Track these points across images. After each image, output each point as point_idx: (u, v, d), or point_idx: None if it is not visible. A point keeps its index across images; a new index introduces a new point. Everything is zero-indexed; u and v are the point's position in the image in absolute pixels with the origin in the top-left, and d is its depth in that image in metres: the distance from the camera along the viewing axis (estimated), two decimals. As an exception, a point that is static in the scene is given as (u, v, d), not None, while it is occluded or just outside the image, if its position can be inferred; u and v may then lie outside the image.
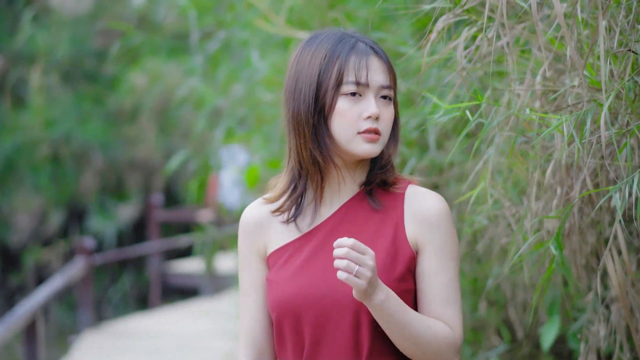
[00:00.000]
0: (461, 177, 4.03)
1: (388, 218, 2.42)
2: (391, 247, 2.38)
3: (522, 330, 4.07)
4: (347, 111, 2.37)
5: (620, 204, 2.38)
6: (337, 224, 2.44)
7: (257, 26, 5.13)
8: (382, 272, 2.33)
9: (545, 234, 2.95)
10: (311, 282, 2.38)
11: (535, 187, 2.89)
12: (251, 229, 2.51)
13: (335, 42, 2.40)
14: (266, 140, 5.83)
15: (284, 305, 2.40)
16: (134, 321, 12.24)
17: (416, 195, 2.43)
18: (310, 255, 2.42)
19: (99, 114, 18.31)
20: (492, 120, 2.83)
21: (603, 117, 2.31)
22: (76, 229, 18.62)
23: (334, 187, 2.46)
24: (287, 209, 2.46)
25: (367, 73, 2.37)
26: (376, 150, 2.39)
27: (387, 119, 2.41)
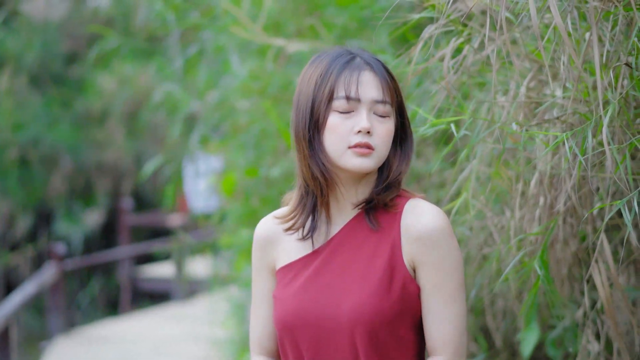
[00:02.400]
0: (441, 184, 4.04)
1: (385, 237, 2.42)
2: (387, 268, 2.38)
3: (500, 337, 4.08)
4: (338, 126, 2.38)
5: (630, 217, 2.39)
6: (338, 244, 2.45)
7: (234, 33, 5.11)
8: (377, 296, 2.35)
9: (528, 244, 2.96)
10: (309, 302, 2.41)
11: (518, 198, 2.90)
12: (263, 243, 2.57)
13: (332, 59, 2.42)
14: (242, 148, 5.82)
15: (284, 324, 2.45)
16: (105, 326, 12.17)
17: (413, 211, 2.41)
18: (311, 275, 2.45)
19: (67, 118, 18.18)
20: (476, 133, 2.84)
21: (604, 132, 2.32)
22: (44, 233, 18.47)
23: (339, 204, 2.47)
24: (299, 227, 2.49)
25: (357, 88, 2.37)
26: (368, 164, 2.38)
27: (383, 134, 2.39)
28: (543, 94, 2.96)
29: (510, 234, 2.99)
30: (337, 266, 2.42)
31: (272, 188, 5.49)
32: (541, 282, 2.75)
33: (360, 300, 2.35)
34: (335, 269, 2.42)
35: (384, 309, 2.34)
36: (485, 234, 3.40)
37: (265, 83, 5.18)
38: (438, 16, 2.86)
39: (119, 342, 10.92)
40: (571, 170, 2.68)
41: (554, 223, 2.78)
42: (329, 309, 2.38)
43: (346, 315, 2.34)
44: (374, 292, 2.35)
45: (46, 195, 18.34)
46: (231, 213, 6.45)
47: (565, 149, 2.78)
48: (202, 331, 9.84)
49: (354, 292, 2.37)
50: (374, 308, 2.34)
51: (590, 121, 2.51)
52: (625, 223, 2.47)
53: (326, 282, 2.41)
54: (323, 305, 2.39)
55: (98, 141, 18.52)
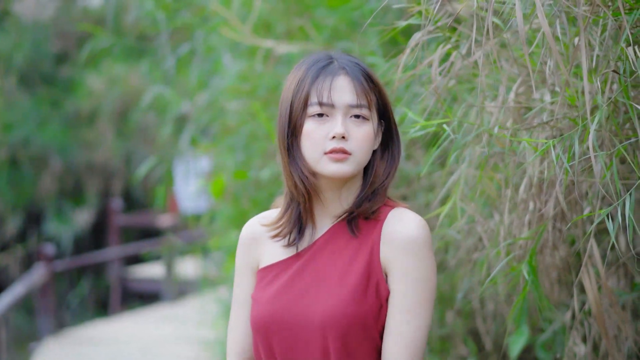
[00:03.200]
0: (431, 188, 4.03)
1: (365, 243, 2.41)
2: (365, 272, 2.37)
3: (489, 340, 4.08)
4: (313, 132, 2.37)
5: (613, 227, 2.38)
6: (318, 249, 2.45)
7: (224, 34, 5.10)
8: (352, 300, 2.34)
9: (518, 249, 2.96)
10: (284, 305, 2.41)
11: (508, 203, 2.90)
12: (248, 243, 2.56)
13: (310, 65, 2.42)
14: (231, 150, 5.80)
15: (259, 325, 2.43)
16: (95, 327, 12.14)
17: (395, 219, 2.41)
18: (290, 277, 2.45)
19: (57, 118, 18.13)
20: (464, 136, 2.84)
21: (591, 139, 2.32)
22: (34, 234, 18.42)
23: (324, 209, 2.47)
24: (285, 235, 2.49)
25: (329, 93, 2.36)
26: (345, 170, 2.37)
27: (359, 138, 2.38)
28: (532, 99, 2.95)
29: (500, 239, 2.99)
30: (316, 270, 2.42)
31: (261, 190, 5.48)
32: (529, 287, 2.75)
33: (335, 303, 2.34)
34: (314, 273, 2.42)
35: (358, 314, 2.34)
36: (475, 238, 3.40)
37: (254, 84, 5.16)
38: (425, 23, 2.86)
39: (109, 343, 10.89)
40: (559, 175, 2.68)
41: (543, 228, 2.77)
42: (303, 311, 2.38)
43: (319, 318, 2.34)
44: (349, 297, 2.34)
45: (36, 195, 18.31)
46: (221, 215, 6.44)
47: (554, 153, 2.78)
48: (192, 332, 9.81)
49: (329, 295, 2.36)
50: (348, 312, 2.33)
51: (578, 127, 2.50)
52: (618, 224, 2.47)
53: (303, 285, 2.41)
54: (298, 308, 2.39)
55: (88, 141, 18.49)
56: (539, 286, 2.78)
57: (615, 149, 2.45)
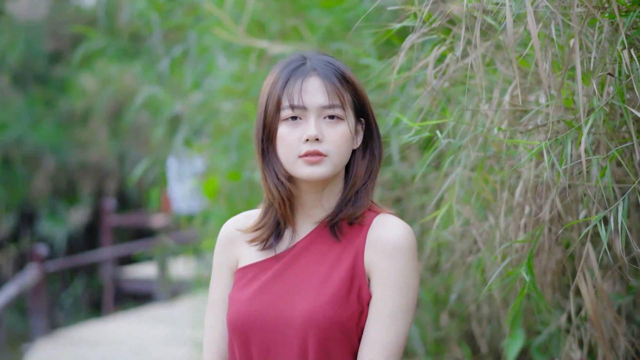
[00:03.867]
0: (425, 190, 4.01)
1: (349, 247, 2.39)
2: (348, 276, 2.36)
3: (484, 343, 4.06)
4: (287, 136, 2.35)
5: (606, 232, 2.36)
6: (300, 252, 2.43)
7: (217, 34, 5.07)
8: (333, 302, 2.32)
9: (513, 252, 2.94)
10: (264, 306, 2.38)
11: (504, 206, 2.88)
12: (226, 242, 2.52)
13: (282, 68, 2.40)
14: (225, 151, 5.78)
15: (236, 325, 2.41)
16: (88, 328, 12.09)
17: (381, 223, 2.39)
18: (270, 278, 2.42)
19: (50, 117, 18.12)
20: (459, 139, 2.82)
21: (584, 142, 2.29)
22: (27, 233, 18.39)
23: (304, 212, 2.45)
24: (262, 240, 2.46)
25: (300, 96, 2.34)
26: (320, 172, 2.35)
27: (334, 139, 2.35)
28: (527, 101, 2.93)
29: (495, 242, 2.97)
30: (297, 272, 2.40)
31: (255, 191, 5.46)
32: (528, 289, 2.73)
33: (317, 305, 2.32)
34: (294, 275, 2.40)
35: (339, 317, 2.32)
36: (470, 241, 3.38)
37: (248, 85, 5.14)
38: (420, 25, 2.83)
39: (102, 343, 10.85)
40: (554, 178, 2.66)
41: (540, 231, 2.76)
42: (284, 312, 2.35)
43: (300, 319, 2.32)
44: (332, 300, 2.32)
45: (29, 195, 18.28)
46: (214, 215, 6.41)
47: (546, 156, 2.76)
48: (185, 333, 9.77)
49: (310, 298, 2.34)
50: (329, 314, 2.31)
51: (572, 129, 2.48)
52: (610, 230, 2.46)
53: (283, 287, 2.39)
54: (278, 309, 2.36)
55: (81, 141, 18.47)
56: (539, 293, 2.76)
57: (610, 153, 2.43)
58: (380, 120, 3.92)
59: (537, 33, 2.31)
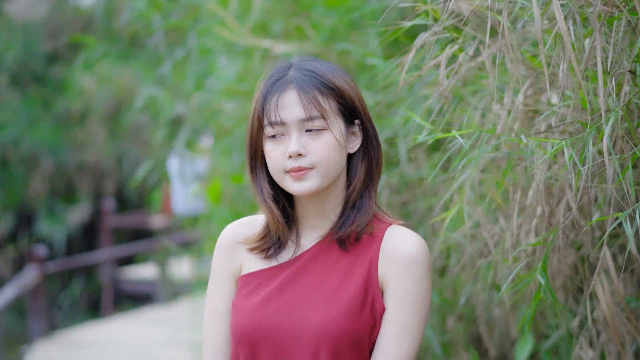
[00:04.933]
0: (432, 192, 3.96)
1: (362, 257, 2.35)
2: (362, 288, 2.32)
3: (493, 346, 4.02)
4: (271, 152, 2.32)
5: (632, 231, 2.32)
6: (308, 262, 2.38)
7: (220, 34, 5.02)
8: (347, 315, 2.29)
9: (524, 255, 2.90)
10: (273, 316, 2.33)
11: (516, 208, 2.83)
12: (229, 248, 2.46)
13: (265, 81, 2.36)
14: (227, 152, 5.72)
15: (242, 334, 2.36)
16: (87, 330, 12.05)
17: (395, 235, 2.35)
18: (277, 288, 2.37)
19: (48, 117, 18.06)
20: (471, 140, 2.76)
21: (605, 141, 2.24)
22: (25, 234, 18.34)
23: (307, 222, 2.41)
24: (265, 249, 2.42)
25: (277, 112, 2.29)
26: (309, 186, 2.30)
27: (318, 150, 2.30)
28: (540, 102, 2.88)
29: (507, 244, 2.92)
30: (306, 283, 2.35)
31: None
32: (543, 291, 2.68)
33: (330, 317, 2.28)
34: (304, 286, 2.35)
35: (352, 329, 2.28)
36: (479, 243, 3.33)
37: (251, 85, 5.09)
38: (433, 23, 2.78)
39: (101, 346, 10.81)
40: (571, 179, 2.62)
41: (554, 232, 2.71)
42: (295, 323, 2.31)
43: (313, 330, 2.28)
44: (345, 312, 2.29)
45: (27, 195, 18.22)
46: (216, 217, 6.36)
47: (564, 158, 2.71)
48: (186, 335, 9.73)
49: (322, 309, 2.30)
50: (342, 326, 2.28)
51: (591, 129, 2.43)
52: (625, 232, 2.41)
53: (292, 297, 2.34)
54: (288, 319, 2.32)
55: (79, 141, 18.42)
56: (552, 291, 2.72)
57: (631, 152, 2.38)
58: (387, 121, 3.87)
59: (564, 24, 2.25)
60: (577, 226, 2.82)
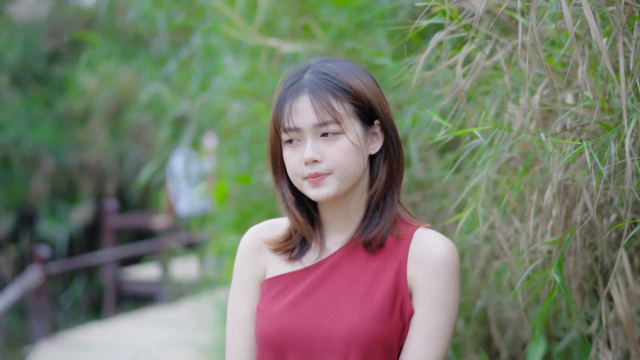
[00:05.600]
0: (443, 193, 3.93)
1: (390, 260, 2.33)
2: (391, 292, 2.30)
3: (505, 349, 3.99)
4: (289, 159, 2.31)
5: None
6: (334, 265, 2.36)
7: (226, 33, 4.98)
8: (377, 318, 2.27)
9: (540, 255, 2.87)
10: (300, 320, 2.31)
11: (533, 209, 2.80)
12: (252, 251, 2.45)
13: (281, 85, 2.34)
14: (233, 152, 5.68)
15: (268, 340, 2.33)
16: (90, 331, 12.02)
17: (424, 238, 2.33)
18: (304, 291, 2.35)
19: (49, 117, 18.03)
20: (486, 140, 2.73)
21: (627, 143, 2.21)
22: (26, 234, 18.31)
23: (334, 224, 2.39)
24: (289, 250, 2.41)
25: (291, 118, 2.27)
26: (326, 192, 2.29)
27: (334, 156, 2.28)
28: (555, 102, 2.85)
29: (522, 246, 2.89)
30: (333, 287, 2.33)
31: (265, 195, 5.37)
32: (557, 291, 2.65)
33: (359, 321, 2.26)
34: (331, 290, 2.33)
35: (383, 332, 2.26)
36: (493, 245, 3.30)
37: (258, 85, 5.05)
38: (449, 22, 2.75)
39: (104, 347, 10.78)
40: (590, 180, 2.59)
41: (571, 232, 2.68)
42: (322, 328, 2.28)
43: (341, 335, 2.25)
44: (375, 315, 2.27)
45: (28, 195, 18.19)
46: (221, 218, 6.33)
47: (581, 158, 2.68)
48: (188, 336, 9.70)
49: (351, 313, 2.28)
50: (372, 330, 2.26)
51: (612, 130, 2.40)
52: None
53: (319, 301, 2.32)
54: (316, 323, 2.29)
55: (80, 141, 18.40)
56: (568, 290, 2.69)
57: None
58: (397, 122, 3.84)
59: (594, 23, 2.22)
60: (594, 228, 2.79)
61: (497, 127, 2.68)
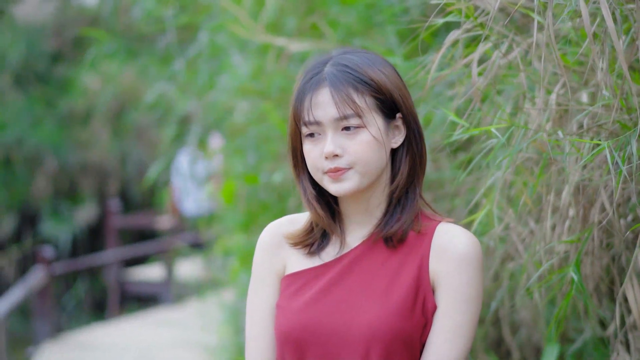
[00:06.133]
0: (454, 193, 3.90)
1: (412, 255, 2.29)
2: (412, 287, 2.26)
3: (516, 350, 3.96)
4: (309, 152, 2.28)
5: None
6: (354, 260, 2.32)
7: (233, 31, 4.95)
8: (398, 314, 2.23)
9: (555, 256, 2.83)
10: (320, 316, 2.28)
11: (550, 209, 2.76)
12: (272, 248, 2.42)
13: (302, 76, 2.30)
14: (240, 152, 5.64)
15: (288, 336, 2.30)
16: (94, 332, 12.00)
17: (447, 232, 2.29)
18: (324, 287, 2.31)
19: (51, 117, 18.00)
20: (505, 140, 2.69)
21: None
22: (29, 234, 18.28)
23: (354, 219, 2.35)
24: (309, 244, 2.37)
25: (311, 112, 2.24)
26: (347, 187, 2.25)
27: (356, 150, 2.24)
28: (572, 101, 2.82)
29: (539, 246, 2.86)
30: (353, 282, 2.29)
31: (272, 193, 5.33)
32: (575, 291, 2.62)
33: (381, 317, 2.22)
34: (351, 285, 2.29)
35: (404, 328, 2.22)
36: (508, 246, 3.26)
37: (265, 84, 5.02)
38: (464, 20, 2.72)
39: (108, 348, 10.75)
40: (607, 180, 2.55)
41: (588, 232, 2.65)
42: (342, 324, 2.25)
43: (362, 332, 2.22)
44: (396, 311, 2.23)
45: (30, 195, 18.16)
46: (228, 218, 6.29)
47: (599, 158, 2.65)
48: (193, 337, 9.67)
49: (372, 309, 2.24)
50: (394, 326, 2.22)
51: (633, 130, 2.37)
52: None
53: (339, 297, 2.28)
54: (336, 320, 2.26)
55: (82, 141, 18.37)
56: (587, 293, 2.66)
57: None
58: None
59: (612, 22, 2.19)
60: (611, 228, 2.76)
61: (513, 125, 2.65)
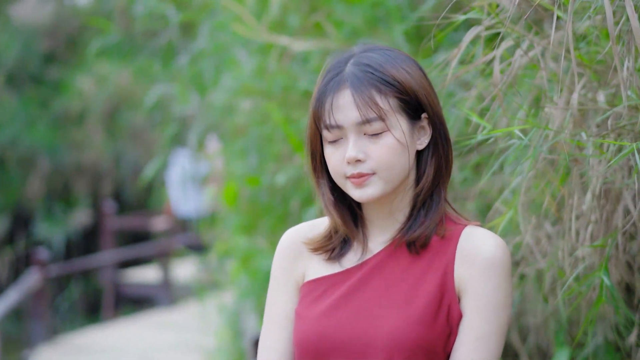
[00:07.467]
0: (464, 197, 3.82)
1: (436, 261, 2.18)
2: (436, 294, 2.15)
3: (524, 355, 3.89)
4: (331, 157, 2.17)
5: None
6: (376, 267, 2.22)
7: (235, 30, 4.86)
8: (421, 322, 2.12)
9: (580, 263, 2.75)
10: (341, 325, 2.17)
11: (573, 214, 2.67)
12: (291, 252, 2.32)
13: (323, 77, 2.19)
14: (242, 153, 5.54)
15: (307, 345, 2.20)
16: (89, 334, 11.94)
17: (473, 236, 2.17)
18: (344, 294, 2.21)
19: (45, 118, 17.98)
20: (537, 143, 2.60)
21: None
22: (23, 236, 18.19)
23: (377, 224, 2.24)
24: (330, 250, 2.27)
25: (332, 115, 2.13)
26: (370, 193, 2.14)
27: (379, 155, 2.13)
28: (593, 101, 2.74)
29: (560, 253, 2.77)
30: (375, 290, 2.19)
31: (275, 195, 5.24)
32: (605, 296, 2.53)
33: (402, 326, 2.12)
34: (372, 293, 2.19)
35: (427, 337, 2.12)
36: (523, 251, 3.18)
37: (268, 83, 4.92)
38: (485, 17, 2.63)
39: (104, 350, 10.70)
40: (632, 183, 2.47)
41: (612, 237, 2.56)
42: (363, 333, 2.15)
43: (383, 341, 2.11)
44: (418, 319, 2.12)
45: (24, 197, 18.10)
46: (229, 220, 6.20)
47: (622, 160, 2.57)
48: (190, 339, 9.61)
49: (394, 317, 2.13)
50: (416, 336, 2.11)
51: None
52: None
53: (360, 305, 2.18)
54: (356, 329, 2.15)
55: (76, 142, 18.34)
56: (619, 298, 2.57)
57: None
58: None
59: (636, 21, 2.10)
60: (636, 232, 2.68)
61: (535, 126, 2.56)
